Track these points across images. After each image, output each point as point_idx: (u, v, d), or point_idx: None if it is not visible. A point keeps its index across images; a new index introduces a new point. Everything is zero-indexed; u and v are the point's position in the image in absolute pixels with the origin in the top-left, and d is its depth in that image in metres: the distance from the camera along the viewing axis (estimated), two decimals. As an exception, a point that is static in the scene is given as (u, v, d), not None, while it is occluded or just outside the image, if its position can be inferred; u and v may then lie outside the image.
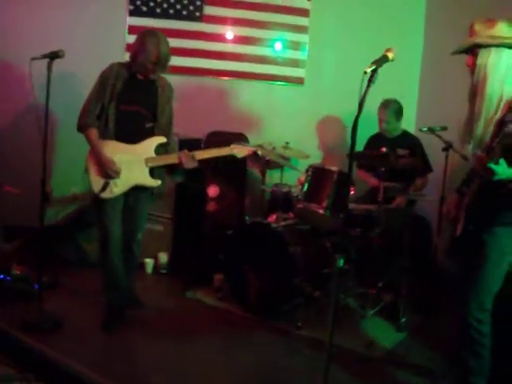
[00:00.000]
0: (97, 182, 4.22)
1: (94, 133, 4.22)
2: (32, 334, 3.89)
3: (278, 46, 6.59)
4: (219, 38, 6.51)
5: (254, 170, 6.29)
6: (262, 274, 4.73)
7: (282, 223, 4.91)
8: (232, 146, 4.38)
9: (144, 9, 6.29)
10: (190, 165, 4.26)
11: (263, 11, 6.48)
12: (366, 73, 2.89)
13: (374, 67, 2.90)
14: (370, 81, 2.88)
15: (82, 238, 5.68)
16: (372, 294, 4.76)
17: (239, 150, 4.37)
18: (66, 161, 6.13)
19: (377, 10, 6.57)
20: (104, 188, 4.19)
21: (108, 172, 4.17)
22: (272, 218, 5.01)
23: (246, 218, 5.09)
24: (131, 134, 4.26)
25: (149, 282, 5.50)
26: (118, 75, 4.24)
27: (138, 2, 6.28)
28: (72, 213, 5.93)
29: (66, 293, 4.90)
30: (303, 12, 6.50)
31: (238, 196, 5.68)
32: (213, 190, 5.48)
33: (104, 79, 4.24)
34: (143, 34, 4.25)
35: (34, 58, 4.00)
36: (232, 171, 5.14)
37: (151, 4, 6.29)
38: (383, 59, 2.97)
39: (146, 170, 4.28)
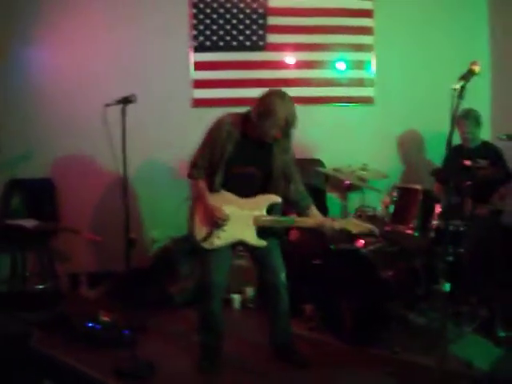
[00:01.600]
0: (200, 231, 4.11)
1: (201, 183, 4.12)
2: (129, 381, 3.89)
3: (343, 66, 6.53)
4: (283, 65, 6.49)
5: (334, 195, 6.23)
6: (353, 301, 4.62)
7: (371, 247, 4.81)
8: (351, 219, 4.28)
9: (207, 43, 6.31)
10: (328, 232, 4.14)
11: (325, 33, 6.44)
12: (454, 89, 2.84)
13: (462, 83, 2.85)
14: (460, 97, 2.83)
15: (164, 280, 5.65)
16: (467, 311, 4.65)
17: (355, 227, 4.12)
18: (145, 205, 6.18)
19: (439, 23, 6.53)
20: (206, 237, 4.08)
21: (215, 220, 4.05)
22: (359, 242, 4.90)
23: (331, 245, 4.98)
24: (241, 192, 4.12)
25: (237, 317, 5.46)
26: (229, 136, 4.02)
27: (201, 38, 6.30)
28: (153, 255, 5.92)
29: (155, 336, 4.83)
30: (367, 30, 6.44)
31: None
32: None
33: (213, 140, 4.07)
34: (272, 95, 3.96)
35: (108, 105, 4.02)
36: (311, 197, 5.01)
37: (214, 38, 6.31)
38: (470, 74, 2.92)
39: (253, 228, 4.13)
